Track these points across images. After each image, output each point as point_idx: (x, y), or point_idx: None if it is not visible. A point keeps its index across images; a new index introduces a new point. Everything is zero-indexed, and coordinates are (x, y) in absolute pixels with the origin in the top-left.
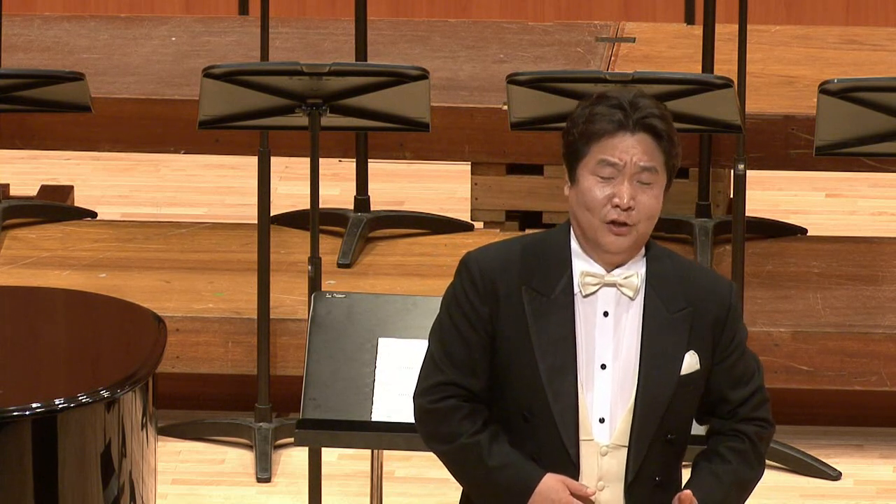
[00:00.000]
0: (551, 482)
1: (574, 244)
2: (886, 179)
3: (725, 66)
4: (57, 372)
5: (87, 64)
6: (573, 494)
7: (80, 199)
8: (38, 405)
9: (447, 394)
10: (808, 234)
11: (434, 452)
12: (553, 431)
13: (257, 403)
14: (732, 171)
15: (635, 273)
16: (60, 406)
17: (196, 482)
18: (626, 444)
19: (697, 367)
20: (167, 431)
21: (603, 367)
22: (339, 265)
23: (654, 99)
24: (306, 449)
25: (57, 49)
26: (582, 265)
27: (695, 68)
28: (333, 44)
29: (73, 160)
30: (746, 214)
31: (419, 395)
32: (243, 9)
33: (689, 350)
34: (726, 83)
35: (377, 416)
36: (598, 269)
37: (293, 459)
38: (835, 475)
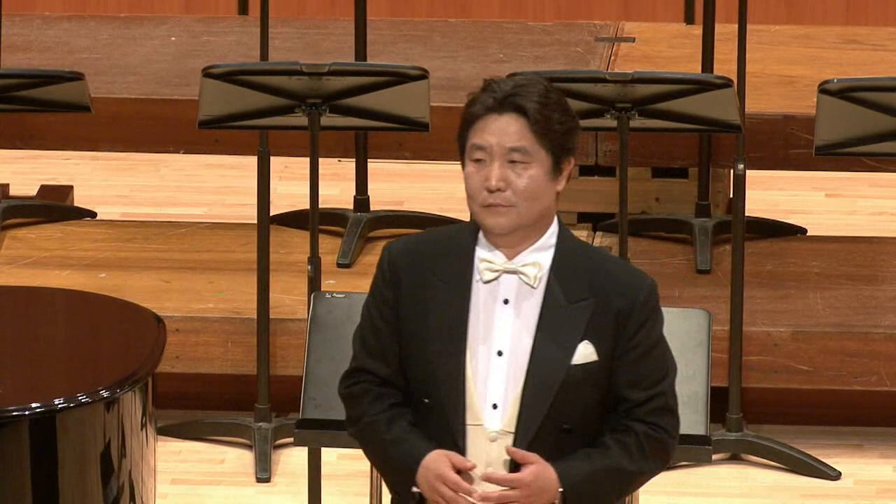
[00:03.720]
0: (435, 456)
1: (481, 233)
2: (886, 179)
3: (725, 65)
4: (56, 372)
5: (86, 64)
6: (455, 468)
7: (80, 199)
8: (38, 405)
9: (358, 379)
10: (808, 233)
11: (351, 436)
12: (442, 415)
13: (257, 403)
14: (732, 171)
15: (535, 261)
16: (60, 406)
17: (196, 482)
18: (514, 431)
19: (594, 358)
20: (167, 431)
21: (500, 353)
22: (339, 265)
23: (547, 83)
24: (306, 449)
25: (56, 49)
26: (483, 253)
27: (694, 68)
28: (333, 43)
29: (73, 160)
30: (746, 214)
31: (339, 382)
32: (243, 9)
33: (584, 340)
34: (726, 83)
35: None
36: (497, 256)
37: (293, 459)
38: (835, 475)
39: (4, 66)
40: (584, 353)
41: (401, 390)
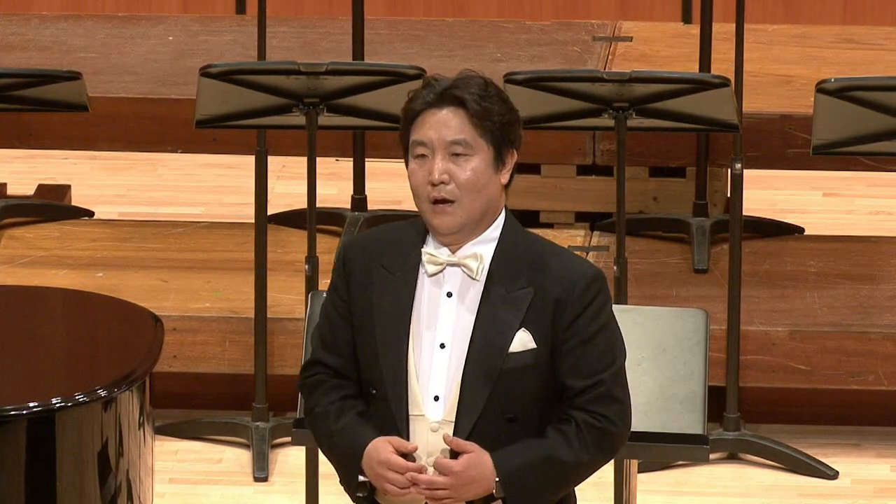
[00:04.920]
0: (378, 443)
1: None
2: (883, 179)
3: (722, 65)
4: (54, 371)
5: (84, 63)
6: (397, 452)
7: (78, 199)
8: (36, 404)
9: (314, 371)
10: (806, 233)
11: (307, 428)
12: (387, 406)
13: (254, 403)
14: (730, 171)
15: (475, 254)
16: (57, 405)
17: (193, 481)
18: (454, 420)
19: (532, 345)
20: (164, 431)
21: (442, 346)
22: None
23: (486, 78)
24: (303, 448)
25: (54, 48)
26: (430, 246)
27: (692, 67)
28: (331, 43)
29: (71, 159)
30: (744, 213)
31: (299, 375)
32: (240, 8)
33: (522, 328)
34: (723, 82)
35: None
36: (442, 250)
37: (290, 459)
38: (832, 474)
39: (2, 66)
40: (522, 340)
41: (354, 382)
